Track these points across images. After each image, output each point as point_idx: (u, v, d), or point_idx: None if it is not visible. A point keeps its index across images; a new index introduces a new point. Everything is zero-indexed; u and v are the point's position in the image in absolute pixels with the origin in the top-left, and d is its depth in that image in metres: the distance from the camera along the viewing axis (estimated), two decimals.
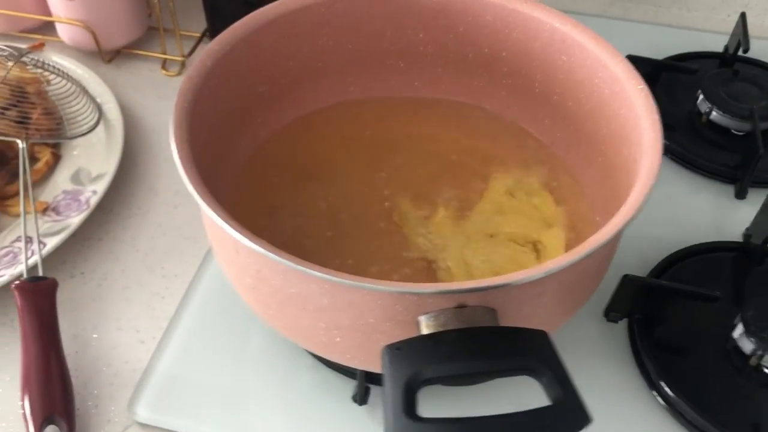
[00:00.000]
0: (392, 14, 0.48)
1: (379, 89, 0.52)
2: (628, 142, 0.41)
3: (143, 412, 0.44)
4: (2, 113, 0.55)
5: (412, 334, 0.32)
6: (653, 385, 0.45)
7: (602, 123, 0.44)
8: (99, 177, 0.55)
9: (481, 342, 0.30)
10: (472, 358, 0.29)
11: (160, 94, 0.66)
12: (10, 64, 0.58)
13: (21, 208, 0.50)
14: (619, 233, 0.33)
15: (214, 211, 0.32)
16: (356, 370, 0.43)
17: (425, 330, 0.31)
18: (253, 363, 0.46)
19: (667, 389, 0.44)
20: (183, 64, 0.68)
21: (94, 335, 0.48)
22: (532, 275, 0.31)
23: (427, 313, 0.31)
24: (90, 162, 0.57)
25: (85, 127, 0.57)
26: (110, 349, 0.48)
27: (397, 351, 0.30)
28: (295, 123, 0.50)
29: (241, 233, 0.32)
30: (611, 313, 0.47)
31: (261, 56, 0.45)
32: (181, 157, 0.35)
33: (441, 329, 0.31)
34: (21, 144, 0.52)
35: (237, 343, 0.47)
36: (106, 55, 0.68)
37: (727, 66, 0.65)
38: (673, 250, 0.50)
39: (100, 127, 0.59)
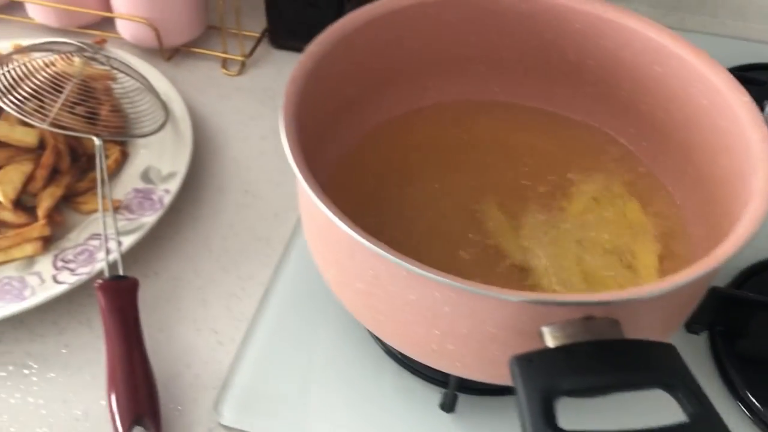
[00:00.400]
0: (478, 19, 0.48)
1: (457, 93, 0.52)
2: (727, 153, 0.41)
3: (228, 415, 0.44)
4: (72, 109, 0.54)
5: (532, 344, 0.32)
6: (738, 396, 0.45)
7: (696, 133, 0.44)
8: (170, 176, 0.55)
9: (614, 355, 0.30)
10: (608, 371, 0.29)
11: (221, 93, 0.66)
12: (77, 59, 0.58)
13: (99, 206, 0.50)
14: (742, 248, 0.33)
15: (338, 217, 0.32)
16: (447, 377, 0.43)
17: (550, 341, 0.31)
18: (335, 367, 0.46)
19: (752, 399, 0.44)
20: (243, 64, 0.68)
21: (172, 336, 0.48)
22: (661, 289, 0.31)
23: (551, 324, 0.31)
24: (159, 160, 0.56)
25: (154, 126, 0.56)
26: (189, 350, 0.48)
27: (529, 362, 0.30)
28: (376, 127, 0.50)
29: (365, 238, 0.31)
30: (693, 324, 0.47)
31: (353, 59, 0.45)
32: (300, 169, 0.34)
33: (568, 341, 0.31)
34: (97, 141, 0.52)
35: (318, 348, 0.47)
36: (166, 53, 0.67)
37: None
38: (755, 260, 0.50)
39: (167, 125, 0.58)
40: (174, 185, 0.54)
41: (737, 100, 0.40)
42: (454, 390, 0.42)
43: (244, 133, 0.63)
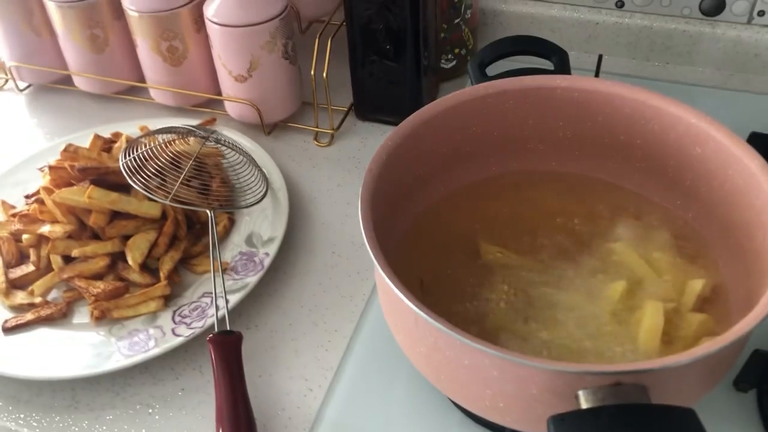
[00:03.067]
0: (536, 105, 0.54)
1: (517, 166, 0.57)
2: (762, 229, 0.45)
3: None
4: (188, 183, 0.64)
5: (571, 405, 0.37)
6: None
7: (735, 208, 0.48)
8: (269, 240, 0.63)
9: (637, 419, 0.35)
10: None
11: (313, 164, 0.75)
12: (192, 139, 0.68)
13: (211, 269, 0.59)
14: (761, 321, 0.37)
15: (404, 295, 0.39)
16: (505, 428, 0.48)
17: (584, 403, 0.36)
18: (407, 415, 0.52)
19: None
20: (332, 136, 0.77)
21: (269, 382, 0.56)
22: (685, 359, 0.36)
23: (585, 388, 0.36)
24: (260, 226, 0.65)
25: (258, 196, 0.65)
26: (284, 395, 0.55)
27: (562, 422, 0.35)
28: (441, 200, 0.56)
29: (426, 313, 0.38)
30: (741, 383, 0.51)
31: (421, 146, 0.52)
32: (375, 252, 0.41)
33: (599, 404, 0.36)
34: (210, 213, 0.61)
35: (393, 396, 0.54)
36: (266, 128, 0.77)
37: None
38: None
39: (267, 194, 0.67)
40: (273, 249, 0.62)
41: None
42: None
43: (333, 198, 0.71)
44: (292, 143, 0.77)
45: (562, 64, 0.58)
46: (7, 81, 0.89)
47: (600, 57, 0.73)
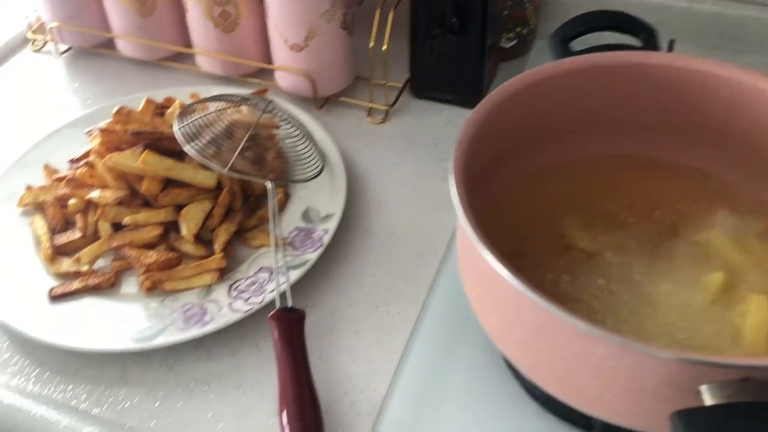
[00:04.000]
0: (627, 84, 0.51)
1: (601, 148, 0.54)
2: None
3: None
4: (243, 155, 0.61)
5: (688, 401, 0.34)
6: None
7: None
8: (328, 217, 0.61)
9: None
10: None
11: (367, 141, 0.72)
12: (244, 108, 0.65)
13: (272, 242, 0.56)
14: None
15: (514, 277, 0.36)
16: (589, 421, 0.45)
17: (708, 399, 0.34)
18: (479, 405, 0.50)
19: None
20: (387, 113, 0.74)
21: (330, 363, 0.53)
22: None
23: (710, 383, 0.34)
24: (316, 202, 0.62)
25: (316, 171, 0.63)
26: (345, 378, 0.52)
27: (690, 418, 0.33)
28: (521, 181, 0.53)
29: (538, 295, 0.35)
30: None
31: (506, 122, 0.49)
32: (477, 232, 0.38)
33: (726, 401, 0.33)
34: (269, 185, 0.58)
35: (463, 386, 0.51)
36: (319, 102, 0.74)
37: None
38: None
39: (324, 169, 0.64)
40: (332, 225, 0.60)
41: None
42: None
43: (389, 178, 0.68)
44: (344, 119, 0.74)
45: (650, 42, 0.55)
46: (45, 44, 0.85)
47: (671, 42, 0.70)
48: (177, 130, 0.59)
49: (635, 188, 0.53)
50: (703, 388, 0.34)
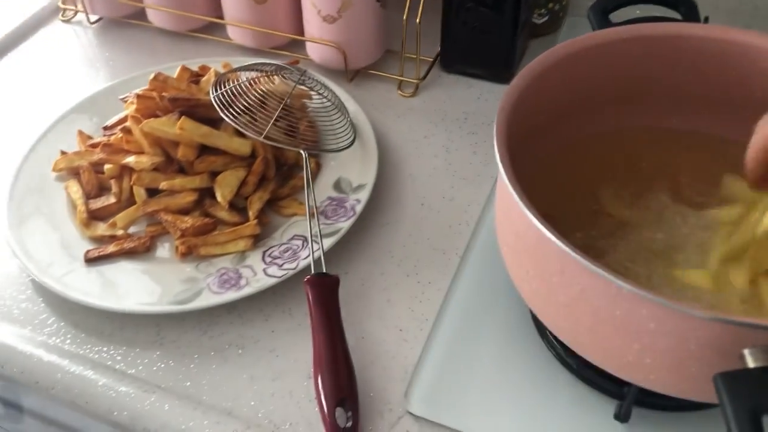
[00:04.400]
0: (666, 56, 0.51)
1: (638, 121, 0.54)
2: None
3: (417, 405, 0.48)
4: (276, 124, 0.61)
5: (730, 364, 0.34)
6: None
7: None
8: (360, 187, 0.61)
9: None
10: None
11: (397, 113, 0.72)
12: (277, 79, 0.65)
13: (306, 209, 0.57)
14: None
15: (560, 240, 0.36)
16: (621, 390, 0.46)
17: (751, 362, 0.34)
18: (512, 373, 0.50)
19: None
20: (417, 86, 0.74)
21: (362, 330, 0.54)
22: None
23: (754, 346, 0.34)
24: (348, 172, 0.63)
25: (348, 141, 0.63)
26: (377, 344, 0.53)
27: (734, 379, 0.33)
28: (556, 151, 0.53)
29: (581, 256, 0.35)
30: None
31: (544, 93, 0.49)
32: (521, 196, 0.38)
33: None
34: (304, 154, 0.59)
35: (495, 354, 0.51)
36: (349, 74, 0.74)
37: None
38: None
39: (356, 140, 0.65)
40: (364, 195, 0.60)
41: None
42: (631, 402, 0.45)
43: (419, 151, 0.68)
44: (375, 92, 0.74)
45: (690, 15, 0.55)
46: (76, 13, 0.86)
47: (705, 19, 0.70)
48: (213, 97, 0.59)
49: (670, 160, 0.52)
50: (746, 351, 0.34)
